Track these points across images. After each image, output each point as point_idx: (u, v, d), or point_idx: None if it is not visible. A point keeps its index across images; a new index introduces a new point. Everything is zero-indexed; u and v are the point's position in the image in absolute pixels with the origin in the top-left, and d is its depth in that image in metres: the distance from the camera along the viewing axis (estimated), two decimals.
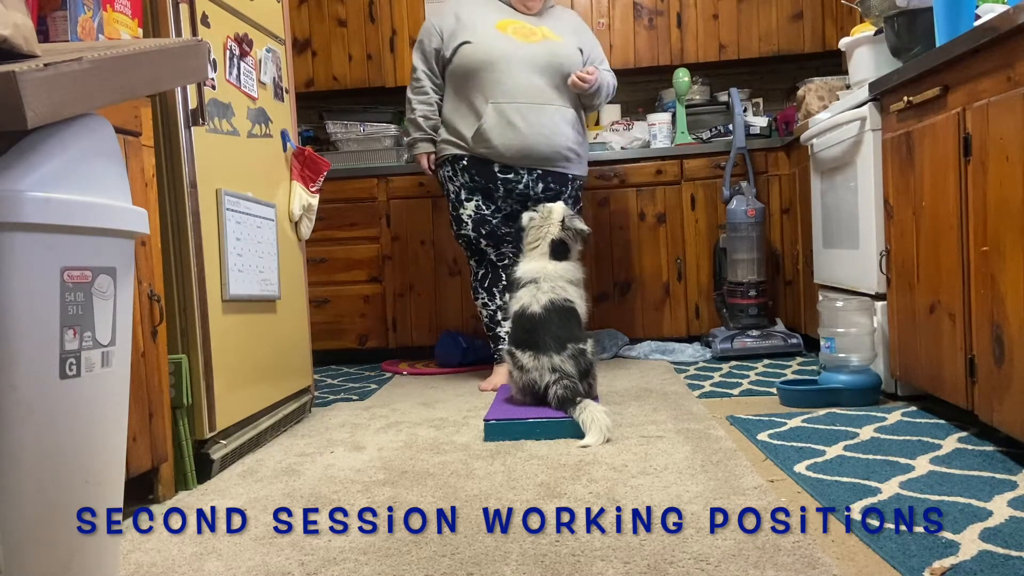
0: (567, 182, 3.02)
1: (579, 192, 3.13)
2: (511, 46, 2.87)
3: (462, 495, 1.75)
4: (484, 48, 2.87)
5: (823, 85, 3.40)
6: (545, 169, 2.95)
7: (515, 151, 2.88)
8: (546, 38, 2.94)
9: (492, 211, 3.01)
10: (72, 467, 1.09)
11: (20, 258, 0.98)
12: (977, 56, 1.77)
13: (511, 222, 3.03)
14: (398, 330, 3.85)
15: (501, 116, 2.85)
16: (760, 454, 1.95)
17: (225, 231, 2.12)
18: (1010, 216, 1.62)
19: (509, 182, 2.94)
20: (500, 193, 2.97)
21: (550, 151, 2.91)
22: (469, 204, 3.00)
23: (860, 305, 2.45)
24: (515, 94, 2.85)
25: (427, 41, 3.01)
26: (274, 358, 2.43)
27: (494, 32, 2.90)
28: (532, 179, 2.95)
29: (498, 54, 2.86)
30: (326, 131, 4.13)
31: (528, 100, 2.86)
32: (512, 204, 3.01)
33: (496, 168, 2.92)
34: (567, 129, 2.93)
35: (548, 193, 2.98)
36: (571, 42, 2.98)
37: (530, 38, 2.92)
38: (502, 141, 2.86)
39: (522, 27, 2.94)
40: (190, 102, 1.99)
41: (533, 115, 2.86)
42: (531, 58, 2.87)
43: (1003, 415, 1.70)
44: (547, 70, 2.88)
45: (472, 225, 3.02)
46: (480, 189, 2.98)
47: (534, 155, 2.90)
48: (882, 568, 1.27)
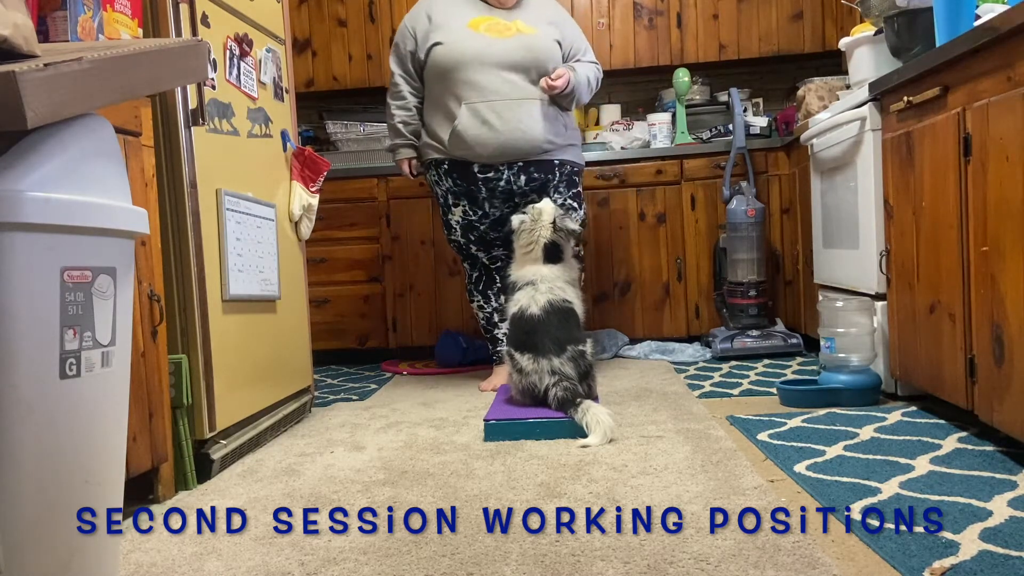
0: (552, 169, 2.91)
1: (575, 177, 3.00)
2: (483, 44, 2.81)
3: (462, 495, 1.75)
4: (456, 48, 2.81)
5: (823, 85, 3.40)
6: (526, 161, 2.86)
7: (492, 150, 2.81)
8: (520, 32, 2.87)
9: (479, 216, 2.96)
10: (72, 467, 1.09)
11: (20, 258, 0.98)
12: (977, 56, 1.77)
13: (500, 227, 2.97)
14: (398, 330, 3.85)
15: (475, 116, 2.79)
16: (760, 454, 1.95)
17: (225, 231, 2.12)
18: (1010, 216, 1.62)
19: (490, 181, 2.88)
20: (484, 194, 2.91)
21: (528, 146, 2.83)
22: (456, 210, 2.97)
23: (860, 305, 2.45)
24: (488, 93, 2.79)
25: (402, 44, 2.95)
26: (274, 358, 2.43)
27: (466, 31, 2.84)
28: (512, 173, 2.87)
29: (470, 54, 2.80)
30: (326, 131, 4.13)
31: (502, 97, 2.79)
32: (500, 206, 2.94)
33: (476, 168, 2.86)
34: (544, 123, 2.84)
35: (532, 184, 2.89)
36: (547, 33, 2.90)
37: (503, 33, 2.85)
38: (477, 141, 2.80)
39: (496, 23, 2.87)
40: (190, 102, 1.99)
41: (508, 112, 2.80)
42: (503, 54, 2.81)
43: (1003, 415, 1.70)
44: (521, 65, 2.82)
45: (460, 231, 3.00)
46: (464, 193, 2.92)
47: (511, 151, 2.82)
48: (882, 568, 1.27)
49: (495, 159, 2.84)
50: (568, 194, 2.95)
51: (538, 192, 2.90)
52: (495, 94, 2.79)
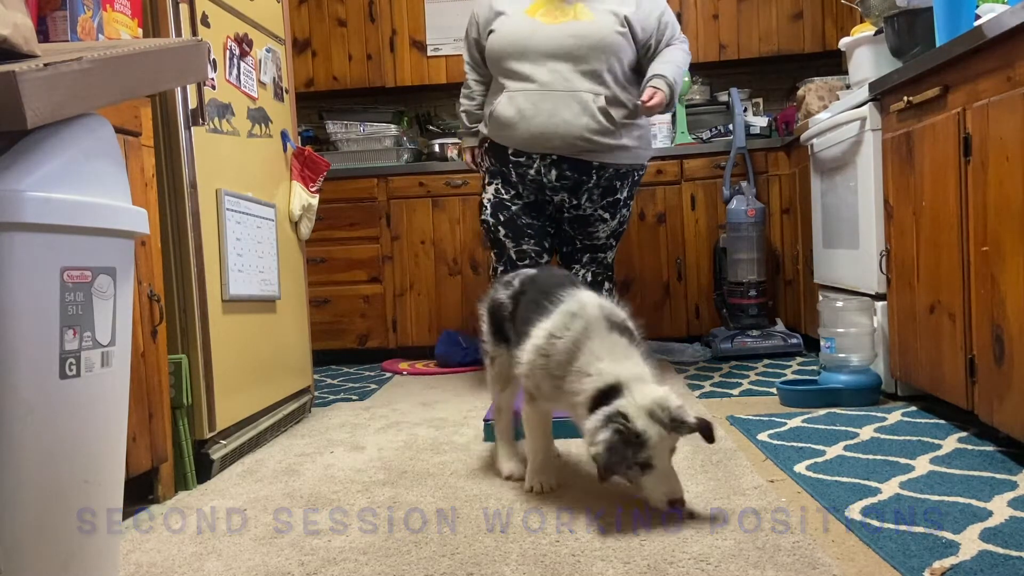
0: (589, 171, 2.69)
1: (616, 182, 2.74)
2: (531, 30, 2.70)
3: (462, 495, 1.75)
4: (505, 34, 2.74)
5: (823, 85, 3.40)
6: (560, 155, 2.68)
7: (524, 140, 2.70)
8: (576, 18, 2.70)
9: (511, 196, 2.80)
10: (72, 467, 1.09)
11: (20, 258, 0.98)
12: (977, 56, 1.77)
13: (533, 214, 2.80)
14: (398, 330, 3.85)
15: (511, 104, 2.69)
16: (760, 454, 1.95)
17: (225, 231, 2.12)
18: (1010, 216, 1.62)
19: (520, 166, 2.75)
20: (514, 178, 2.79)
21: (561, 141, 2.66)
22: (490, 188, 2.86)
23: (860, 305, 2.45)
24: (528, 81, 2.68)
25: (469, 31, 2.92)
26: (274, 358, 2.43)
27: (520, 17, 2.75)
28: (544, 165, 2.71)
29: (517, 40, 2.71)
30: (326, 131, 4.13)
31: (542, 87, 2.66)
32: (532, 192, 2.79)
33: (510, 152, 2.76)
34: (586, 118, 2.64)
35: (564, 182, 2.70)
36: (606, 22, 2.68)
37: (557, 19, 2.71)
38: (511, 130, 2.70)
39: (554, 8, 2.74)
40: (190, 102, 1.99)
41: (545, 103, 2.65)
42: (549, 41, 2.67)
43: (1003, 415, 1.70)
44: (569, 53, 2.66)
45: (491, 210, 2.84)
46: (499, 173, 2.83)
47: (542, 142, 2.68)
48: (882, 568, 1.27)
49: (527, 147, 2.72)
50: (600, 203, 2.75)
51: (569, 193, 2.74)
52: (536, 82, 2.67)
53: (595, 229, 2.79)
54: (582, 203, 2.74)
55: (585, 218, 2.77)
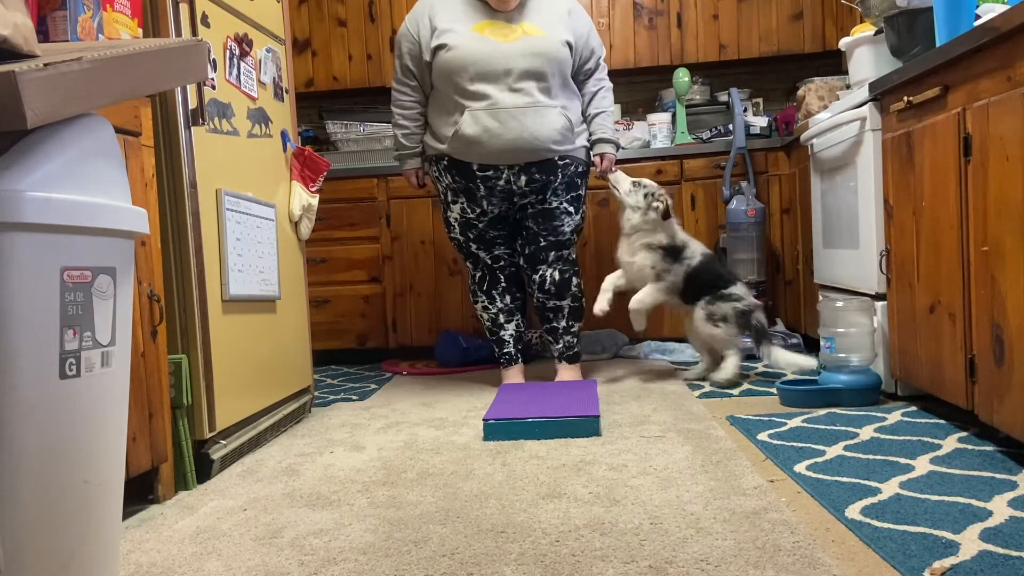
0: (555, 170, 2.84)
1: (577, 179, 2.92)
2: (487, 48, 2.74)
3: (462, 495, 1.75)
4: (463, 55, 2.74)
5: (823, 85, 3.40)
6: (527, 162, 2.80)
7: (491, 154, 2.76)
8: (525, 35, 2.79)
9: (477, 215, 2.90)
10: (72, 467, 1.09)
11: (20, 258, 0.98)
12: (977, 56, 1.77)
13: (499, 225, 2.95)
14: (398, 330, 3.85)
15: (476, 123, 2.73)
16: (760, 454, 1.95)
17: (225, 231, 2.12)
18: (1010, 216, 1.62)
19: (489, 179, 2.83)
20: (482, 192, 2.86)
21: (530, 150, 2.76)
22: (455, 207, 2.93)
23: (860, 305, 2.45)
24: (492, 100, 2.73)
25: (405, 45, 2.89)
26: (274, 358, 2.43)
27: (470, 36, 2.77)
28: (513, 173, 2.81)
29: (477, 60, 2.73)
30: (326, 131, 4.13)
31: (505, 104, 2.73)
32: (498, 204, 2.89)
33: (475, 167, 2.81)
34: (548, 129, 2.77)
35: (533, 185, 2.84)
36: (556, 34, 2.81)
37: (508, 37, 2.77)
38: (478, 147, 2.75)
39: (501, 27, 2.80)
40: (190, 102, 2.00)
41: (513, 120, 2.73)
42: (508, 59, 2.73)
43: (1003, 415, 1.70)
44: (531, 71, 2.75)
45: (459, 229, 2.96)
46: (463, 190, 2.88)
47: (512, 155, 2.77)
48: (882, 568, 1.27)
49: (494, 161, 2.80)
50: (565, 197, 2.89)
51: (537, 194, 2.87)
52: (498, 100, 2.73)
53: (560, 223, 2.91)
54: (548, 197, 2.88)
55: (551, 211, 2.90)
